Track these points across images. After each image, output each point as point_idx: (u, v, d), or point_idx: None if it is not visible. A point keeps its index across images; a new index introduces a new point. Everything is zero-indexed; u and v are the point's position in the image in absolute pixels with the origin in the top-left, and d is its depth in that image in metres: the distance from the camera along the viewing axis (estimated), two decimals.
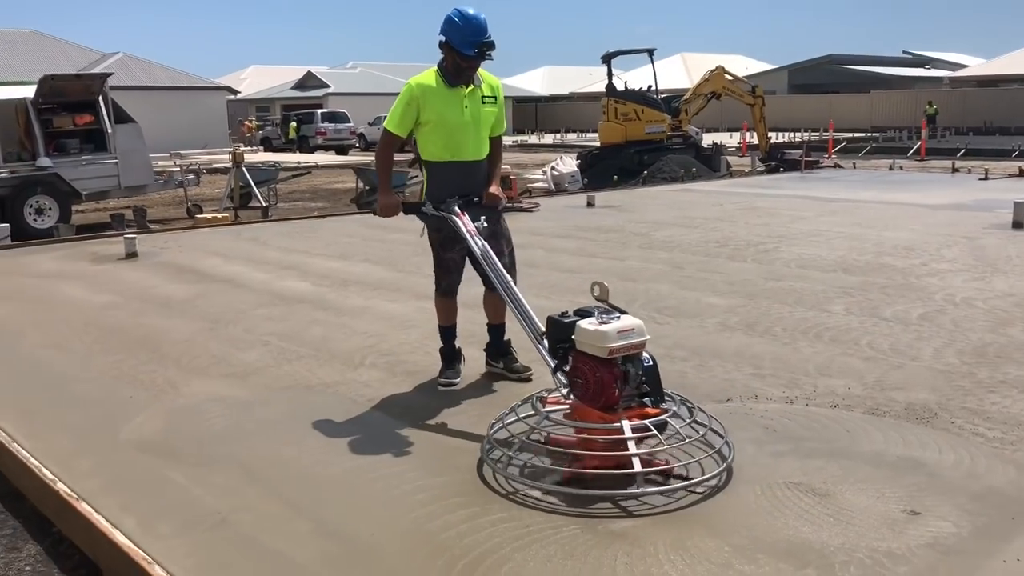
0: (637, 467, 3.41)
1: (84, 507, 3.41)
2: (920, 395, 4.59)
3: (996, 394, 4.59)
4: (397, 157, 5.08)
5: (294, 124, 41.06)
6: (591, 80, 59.19)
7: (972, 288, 7.14)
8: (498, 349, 5.03)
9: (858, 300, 6.79)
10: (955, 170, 19.88)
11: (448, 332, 4.95)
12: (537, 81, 69.47)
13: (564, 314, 3.83)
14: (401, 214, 4.69)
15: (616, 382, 3.54)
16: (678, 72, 56.79)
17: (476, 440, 4.06)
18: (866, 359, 5.26)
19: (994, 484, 3.52)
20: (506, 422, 3.88)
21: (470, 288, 4.96)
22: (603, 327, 3.54)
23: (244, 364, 5.45)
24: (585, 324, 3.61)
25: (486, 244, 4.41)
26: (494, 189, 4.72)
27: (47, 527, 3.58)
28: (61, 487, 3.60)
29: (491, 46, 4.45)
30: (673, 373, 5.06)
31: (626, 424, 3.47)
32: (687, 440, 3.65)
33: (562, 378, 3.78)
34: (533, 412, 3.89)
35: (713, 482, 3.51)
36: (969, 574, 2.85)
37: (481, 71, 4.65)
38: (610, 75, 20.74)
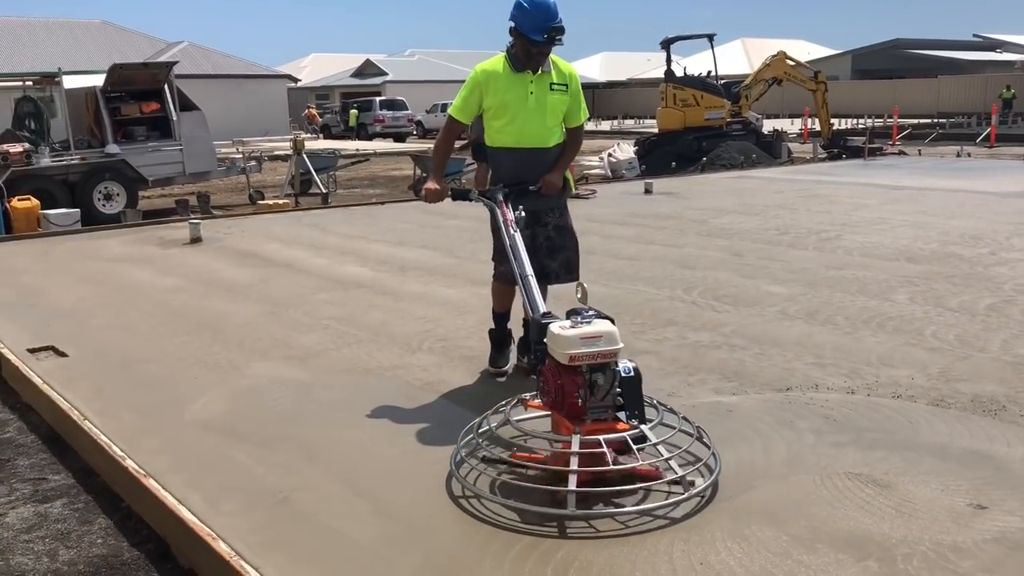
0: (571, 485, 3.14)
1: (152, 483, 3.51)
2: (987, 387, 4.48)
3: None
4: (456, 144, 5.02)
5: (354, 112, 41.40)
6: (649, 66, 58.55)
7: None
8: (527, 345, 4.79)
9: (922, 289, 6.64)
10: None
11: (502, 318, 4.92)
12: (595, 67, 69.00)
13: (546, 314, 3.72)
14: (448, 200, 4.61)
15: (579, 391, 3.34)
16: (738, 58, 55.91)
17: (528, 426, 4.07)
18: (931, 350, 5.15)
19: None
20: (480, 430, 3.67)
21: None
22: (565, 332, 3.35)
23: (304, 347, 5.54)
24: (555, 327, 3.43)
25: (518, 236, 4.23)
26: (553, 176, 4.56)
27: (117, 502, 3.70)
28: (130, 464, 3.71)
29: (560, 31, 4.33)
30: (732, 361, 5.02)
31: (575, 439, 3.24)
32: (645, 463, 3.32)
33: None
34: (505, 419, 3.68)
35: (663, 511, 3.20)
36: None
37: (555, 58, 4.53)
38: (669, 61, 20.49)
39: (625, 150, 19.25)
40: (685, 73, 21.02)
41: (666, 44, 20.21)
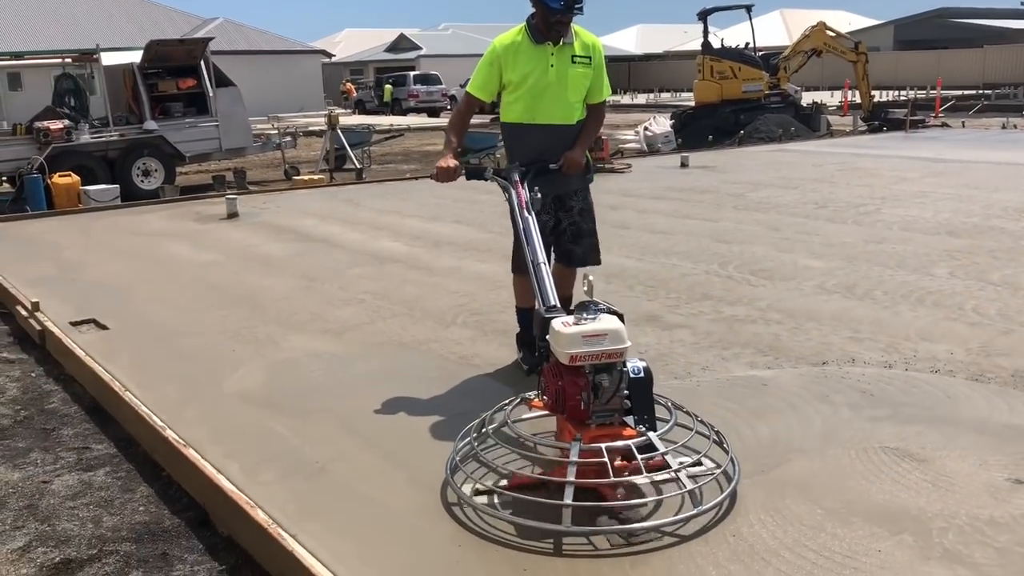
0: (567, 498, 2.86)
1: (192, 453, 3.58)
2: None
3: None
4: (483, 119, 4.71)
5: (389, 87, 41.40)
6: (686, 38, 57.86)
7: None
8: (524, 340, 4.66)
9: (964, 264, 6.53)
10: None
11: (526, 315, 4.47)
12: (630, 40, 68.32)
13: (552, 309, 3.41)
14: (466, 181, 4.33)
15: (581, 393, 3.06)
16: (777, 29, 55.05)
17: None
18: (971, 324, 5.07)
19: None
20: (473, 434, 3.45)
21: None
22: (566, 329, 3.06)
23: (340, 321, 5.59)
24: (557, 324, 3.13)
25: (532, 219, 3.90)
26: (574, 153, 4.24)
27: (158, 471, 3.78)
28: (170, 434, 3.78)
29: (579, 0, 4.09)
30: (767, 336, 4.98)
31: (574, 447, 2.97)
32: (656, 477, 3.08)
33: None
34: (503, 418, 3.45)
35: (672, 527, 2.92)
36: None
37: (578, 28, 4.24)
38: (706, 32, 20.22)
39: (661, 123, 19.08)
40: (723, 45, 20.75)
41: (703, 15, 19.93)
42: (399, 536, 2.96)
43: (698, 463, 3.17)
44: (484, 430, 3.42)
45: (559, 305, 3.51)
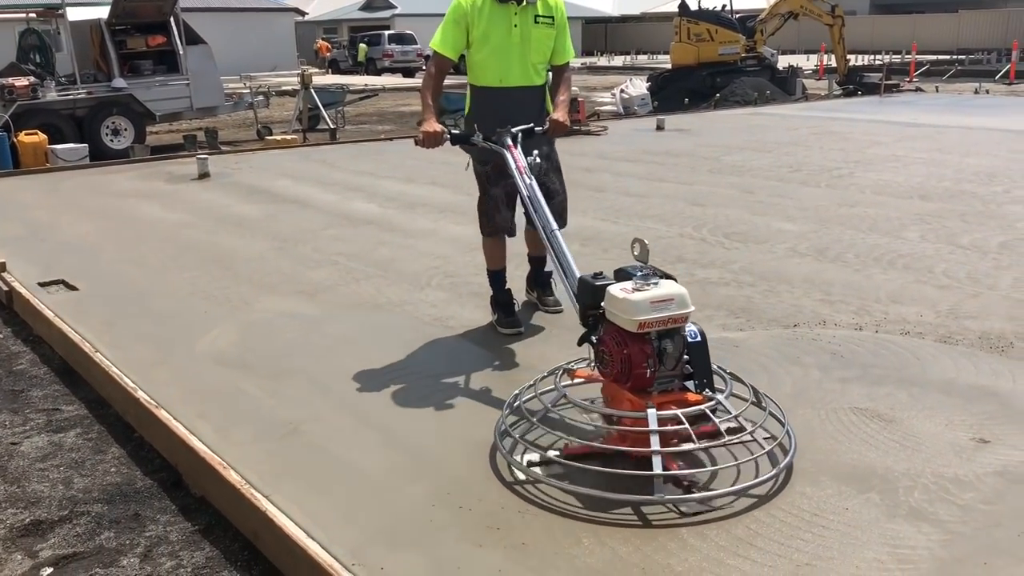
0: (657, 468, 2.83)
1: (163, 414, 3.56)
2: (996, 324, 4.47)
3: None
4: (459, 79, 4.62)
5: (363, 46, 40.83)
6: (663, 0, 57.47)
7: None
8: (537, 279, 4.86)
9: (934, 227, 6.59)
10: None
11: (499, 277, 4.61)
12: (608, 1, 67.74)
13: (598, 275, 3.25)
14: (448, 144, 4.22)
15: (647, 361, 2.98)
16: None
17: (535, 359, 4.10)
18: (940, 287, 5.13)
19: None
20: (524, 399, 3.42)
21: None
22: (633, 296, 2.96)
23: (314, 282, 5.56)
24: (615, 290, 3.03)
25: (535, 184, 3.85)
26: (560, 115, 4.19)
27: (130, 432, 3.75)
28: (142, 395, 3.76)
29: None
30: (740, 298, 5.01)
31: (652, 413, 2.90)
32: (732, 440, 3.04)
33: (592, 350, 3.27)
34: (552, 388, 3.34)
35: (763, 489, 2.92)
36: None
37: None
38: None
39: (637, 86, 18.98)
40: (700, 7, 20.59)
41: None
42: (373, 496, 2.97)
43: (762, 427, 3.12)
44: (537, 406, 3.30)
45: (570, 268, 3.48)
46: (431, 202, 8.10)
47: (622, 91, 18.56)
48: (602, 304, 3.12)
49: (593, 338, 3.22)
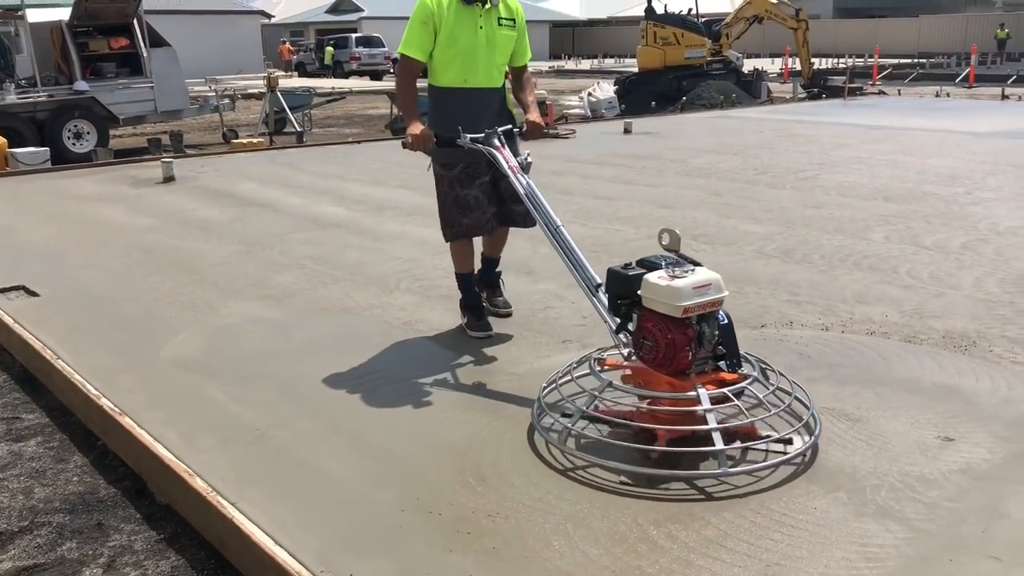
0: (719, 444, 2.98)
1: (127, 421, 3.50)
2: (959, 323, 4.53)
3: None
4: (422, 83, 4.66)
5: (330, 49, 40.61)
6: (630, 3, 57.75)
7: (1017, 217, 6.98)
8: (487, 280, 4.78)
9: (898, 228, 6.68)
10: (1005, 97, 19.28)
11: (468, 279, 4.60)
12: (575, 4, 67.92)
13: (627, 265, 3.36)
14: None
15: (690, 344, 3.12)
16: None
17: (505, 362, 4.10)
18: (905, 287, 5.19)
19: None
20: (560, 383, 3.50)
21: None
22: (676, 283, 3.09)
23: (281, 287, 5.51)
24: (654, 279, 3.15)
25: (531, 182, 3.92)
26: (535, 117, 4.28)
27: (93, 440, 3.69)
28: (105, 402, 3.69)
29: None
30: None
31: (703, 392, 3.06)
32: (771, 412, 3.19)
33: (623, 338, 3.36)
34: (588, 373, 3.47)
35: (798, 458, 3.10)
36: (1001, 499, 2.85)
37: None
38: None
39: (605, 89, 19.08)
40: (666, 11, 20.74)
41: None
42: (341, 502, 2.94)
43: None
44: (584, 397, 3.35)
45: (583, 263, 3.64)
46: (400, 205, 8.06)
47: (590, 94, 18.64)
48: (637, 293, 3.22)
49: (629, 326, 3.33)
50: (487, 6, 4.18)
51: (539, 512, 2.83)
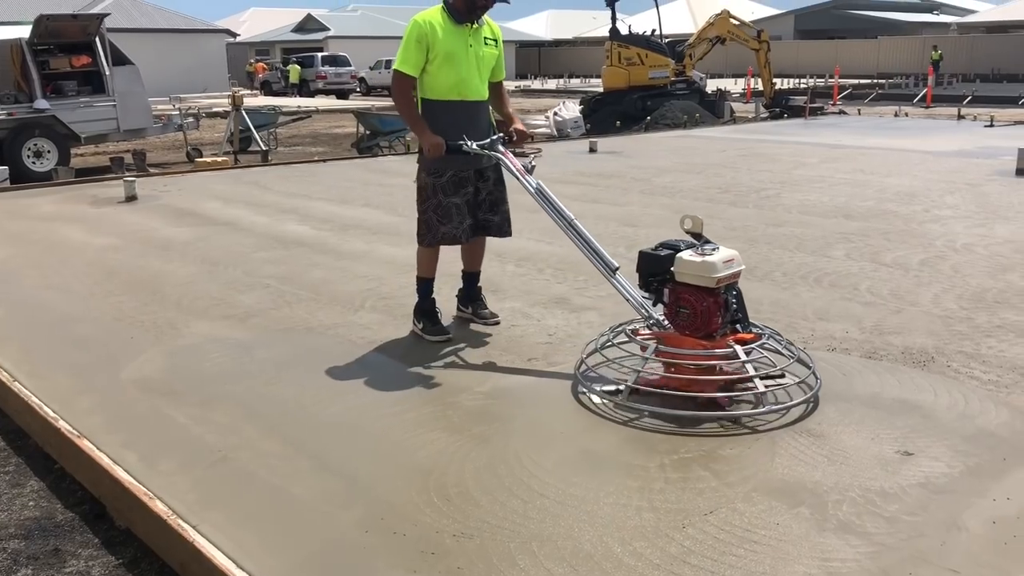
0: (760, 387, 3.63)
1: (86, 444, 3.44)
2: (918, 339, 4.61)
3: (993, 338, 4.60)
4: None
5: (295, 67, 40.51)
6: (595, 24, 58.35)
7: (973, 234, 7.12)
8: (469, 295, 5.02)
9: (859, 246, 6.78)
10: (961, 117, 19.69)
11: (429, 285, 4.79)
12: (540, 25, 68.48)
13: (656, 248, 3.94)
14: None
15: (720, 311, 3.70)
16: (683, 16, 55.98)
17: (470, 381, 4.09)
18: (865, 304, 5.27)
19: (987, 426, 3.55)
20: (600, 344, 4.11)
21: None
22: (709, 258, 3.68)
23: (244, 306, 5.46)
24: (688, 256, 3.73)
25: (540, 183, 4.35)
26: (520, 125, 4.69)
27: (50, 464, 3.62)
28: (63, 425, 3.63)
29: None
30: None
31: (740, 349, 3.67)
32: (774, 371, 3.83)
33: (645, 311, 3.97)
34: (628, 340, 4.04)
35: (798, 410, 3.66)
36: (959, 512, 2.89)
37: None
38: (614, 19, 20.39)
39: (571, 109, 19.20)
40: (630, 31, 20.97)
41: (611, 2, 20.11)
42: (305, 524, 2.91)
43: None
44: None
45: (600, 250, 4.23)
46: (365, 223, 8.04)
47: (555, 114, 18.75)
48: (671, 269, 3.76)
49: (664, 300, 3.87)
50: (474, 26, 4.52)
51: (504, 531, 2.82)
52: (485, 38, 4.59)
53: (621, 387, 3.79)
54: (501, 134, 4.57)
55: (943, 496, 3.00)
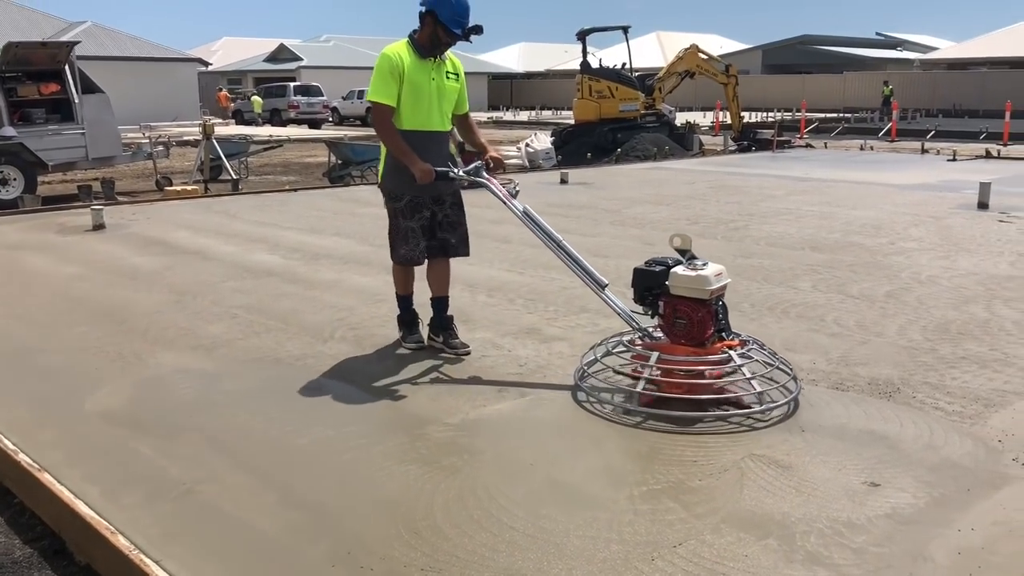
0: (757, 387, 4.04)
1: (47, 478, 3.38)
2: (884, 370, 4.65)
3: (957, 369, 4.66)
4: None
5: (257, 98, 40.68)
6: (567, 57, 58.95)
7: (937, 267, 7.24)
8: (440, 323, 5.07)
9: (825, 277, 6.86)
10: (924, 151, 20.06)
11: (407, 300, 5.09)
12: (513, 57, 69.08)
13: (648, 264, 4.24)
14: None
15: (712, 320, 4.02)
16: (653, 50, 56.76)
17: (440, 412, 4.08)
18: (832, 335, 5.32)
19: (951, 456, 3.58)
20: (598, 355, 4.41)
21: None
22: (703, 272, 4.01)
23: (212, 336, 5.41)
24: (681, 271, 4.06)
25: (528, 207, 4.59)
26: (495, 153, 4.86)
27: (9, 498, 3.55)
28: (23, 458, 3.56)
29: (478, 30, 4.64)
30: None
31: (735, 354, 4.03)
32: (764, 372, 4.16)
33: (638, 322, 4.29)
34: (627, 350, 4.30)
35: (779, 411, 3.99)
36: (925, 543, 2.91)
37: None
38: (585, 52, 20.68)
39: (542, 140, 19.35)
40: (601, 65, 21.22)
41: (582, 35, 20.39)
42: (271, 558, 2.87)
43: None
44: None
45: (589, 267, 4.54)
46: (335, 253, 8.01)
47: (527, 145, 18.88)
48: (665, 283, 4.07)
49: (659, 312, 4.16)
50: (436, 61, 4.70)
51: (473, 565, 2.80)
52: (447, 72, 4.78)
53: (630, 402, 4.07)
54: (481, 161, 4.76)
55: (909, 527, 3.02)
